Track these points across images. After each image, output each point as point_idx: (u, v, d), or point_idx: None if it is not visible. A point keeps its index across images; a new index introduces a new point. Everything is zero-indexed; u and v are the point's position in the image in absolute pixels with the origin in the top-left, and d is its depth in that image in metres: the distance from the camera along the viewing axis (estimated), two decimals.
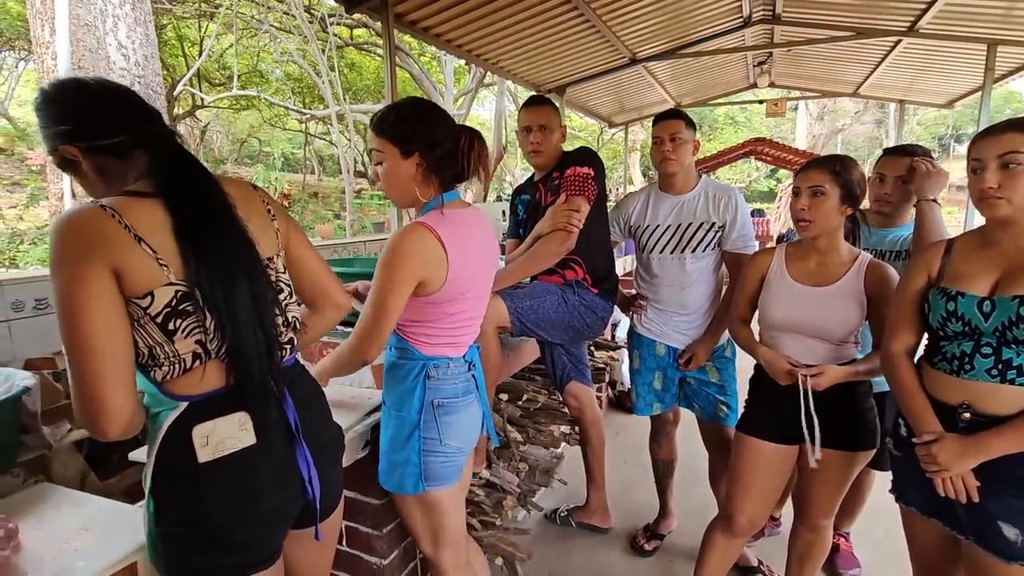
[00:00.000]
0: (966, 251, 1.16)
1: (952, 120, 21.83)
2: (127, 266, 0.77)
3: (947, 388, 1.12)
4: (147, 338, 0.81)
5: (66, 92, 0.86)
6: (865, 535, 2.14)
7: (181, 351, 0.83)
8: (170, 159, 0.88)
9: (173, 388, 0.85)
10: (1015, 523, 1.03)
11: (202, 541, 0.85)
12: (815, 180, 1.40)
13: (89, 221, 0.77)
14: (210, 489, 0.84)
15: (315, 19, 9.16)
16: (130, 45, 3.19)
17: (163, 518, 0.85)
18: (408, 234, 1.17)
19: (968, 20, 4.26)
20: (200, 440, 0.84)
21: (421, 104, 1.25)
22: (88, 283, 0.74)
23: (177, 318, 0.82)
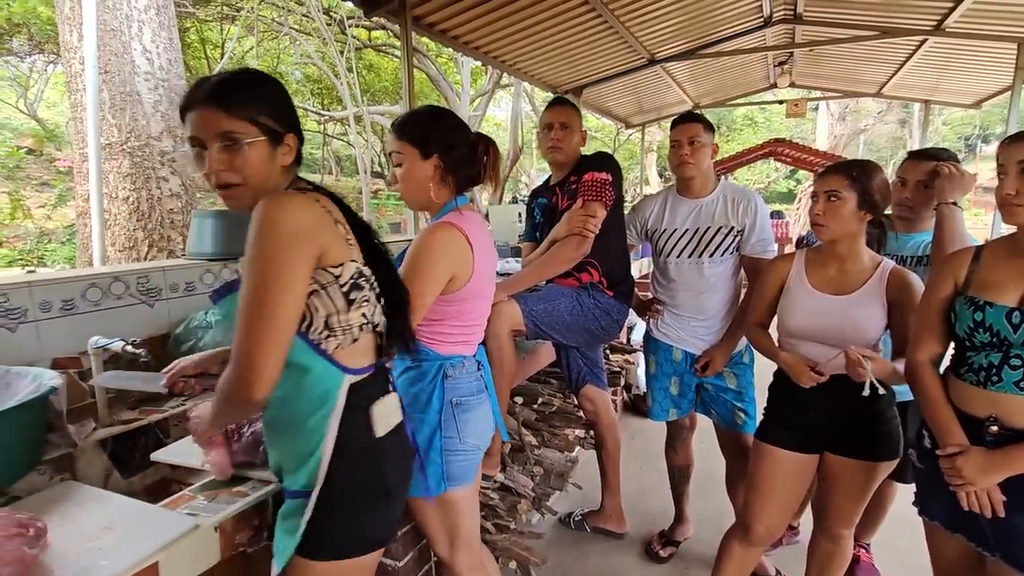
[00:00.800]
0: (995, 259, 1.13)
1: (979, 120, 21.29)
2: (330, 245, 0.89)
3: (974, 400, 1.09)
4: (330, 304, 0.90)
5: (267, 80, 0.94)
6: (887, 547, 2.10)
7: (353, 321, 0.93)
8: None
9: (343, 359, 0.93)
10: None
11: (380, 500, 0.98)
12: (832, 185, 1.39)
13: (309, 206, 0.87)
14: (387, 458, 0.99)
15: (334, 21, 9.25)
16: (154, 49, 3.26)
17: (341, 490, 0.93)
18: (439, 232, 1.22)
19: (997, 18, 4.14)
20: (378, 417, 0.97)
21: (440, 110, 1.30)
22: (299, 263, 0.84)
23: (354, 291, 0.93)
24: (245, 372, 0.81)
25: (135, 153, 3.27)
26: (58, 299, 1.45)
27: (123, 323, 1.58)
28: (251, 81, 0.91)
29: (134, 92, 3.22)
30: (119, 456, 1.38)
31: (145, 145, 3.28)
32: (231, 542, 1.03)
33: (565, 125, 1.91)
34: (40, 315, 1.42)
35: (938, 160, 1.62)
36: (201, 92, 0.88)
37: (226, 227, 1.87)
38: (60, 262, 7.16)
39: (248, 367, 0.81)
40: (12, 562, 0.81)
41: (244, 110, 0.87)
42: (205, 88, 0.88)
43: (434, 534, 1.37)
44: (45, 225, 7.98)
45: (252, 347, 0.81)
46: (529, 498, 1.94)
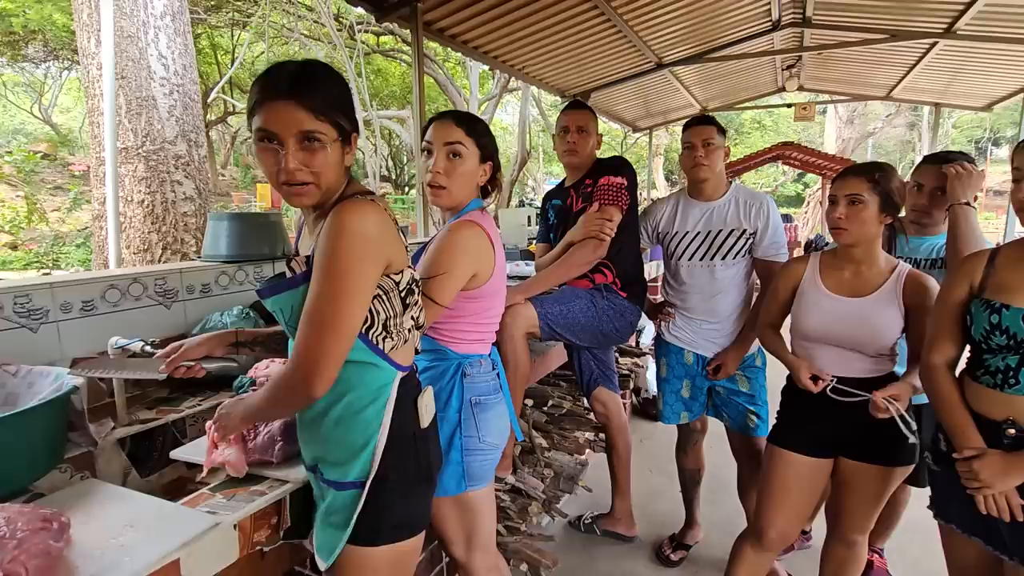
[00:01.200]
0: (1011, 262, 1.12)
1: (990, 123, 21.12)
2: (395, 254, 0.94)
3: (991, 403, 1.08)
4: (389, 309, 0.95)
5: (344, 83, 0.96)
6: (901, 552, 2.08)
7: (406, 324, 0.99)
8: None
9: (396, 357, 0.99)
10: None
11: (422, 484, 1.05)
12: (853, 188, 1.37)
13: (381, 218, 0.91)
14: (428, 447, 1.06)
15: (344, 27, 9.33)
16: (170, 55, 3.30)
17: (391, 478, 0.98)
18: (466, 230, 1.26)
19: (1009, 21, 4.12)
20: (423, 409, 1.04)
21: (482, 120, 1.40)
22: (373, 272, 0.90)
23: (409, 295, 0.99)
24: (310, 372, 0.86)
25: (150, 157, 3.31)
26: (78, 300, 1.48)
27: (141, 324, 1.60)
28: (331, 79, 0.91)
29: (150, 97, 3.27)
30: (137, 455, 1.40)
31: (160, 149, 3.32)
32: (249, 540, 1.05)
33: (582, 129, 1.93)
34: (61, 316, 1.45)
35: (947, 162, 1.62)
36: (283, 85, 0.85)
37: (241, 229, 1.89)
38: (75, 265, 7.24)
39: (314, 368, 0.86)
40: (39, 554, 0.82)
41: (326, 109, 0.87)
42: (285, 81, 0.86)
43: (451, 535, 1.37)
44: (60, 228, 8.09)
45: (320, 349, 0.86)
46: (539, 500, 1.94)
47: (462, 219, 1.28)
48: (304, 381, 0.86)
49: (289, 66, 0.88)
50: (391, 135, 15.42)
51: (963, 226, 1.47)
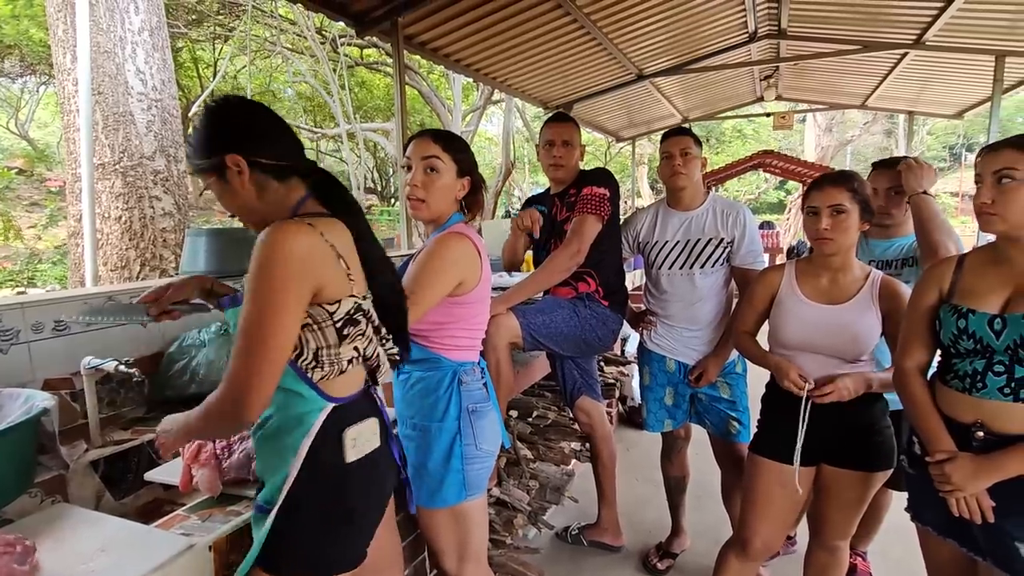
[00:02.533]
0: (977, 267, 1.15)
1: (963, 129, 21.68)
2: (329, 281, 0.90)
3: (960, 406, 1.11)
4: (321, 339, 0.92)
5: (256, 112, 0.96)
6: (883, 556, 2.10)
7: (343, 355, 0.95)
8: (332, 185, 1.00)
9: (328, 389, 0.95)
10: None
11: (341, 525, 0.97)
12: (835, 199, 1.38)
13: (311, 243, 0.88)
14: (353, 484, 0.98)
15: (327, 40, 9.35)
16: (148, 71, 3.28)
17: (302, 510, 0.93)
18: (453, 240, 1.29)
19: (975, 32, 4.25)
20: (350, 442, 0.96)
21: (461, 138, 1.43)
22: (295, 295, 0.86)
23: (349, 325, 0.94)
24: (239, 394, 0.84)
25: (128, 173, 3.27)
26: (50, 320, 1.45)
27: (116, 343, 1.57)
28: (217, 115, 0.96)
29: (127, 112, 3.24)
30: (111, 477, 1.37)
31: (138, 165, 3.29)
32: (225, 561, 1.03)
33: (567, 142, 1.96)
34: (32, 336, 1.42)
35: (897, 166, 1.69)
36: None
37: (220, 245, 1.88)
38: (51, 282, 7.10)
39: (242, 390, 0.84)
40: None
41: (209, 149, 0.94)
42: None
43: (444, 547, 1.37)
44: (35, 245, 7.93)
45: (246, 371, 0.84)
46: (525, 512, 1.93)
47: (449, 230, 1.31)
48: (233, 403, 0.85)
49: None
50: (376, 147, 15.41)
51: (925, 212, 1.53)
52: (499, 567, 1.79)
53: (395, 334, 1.10)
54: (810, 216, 1.42)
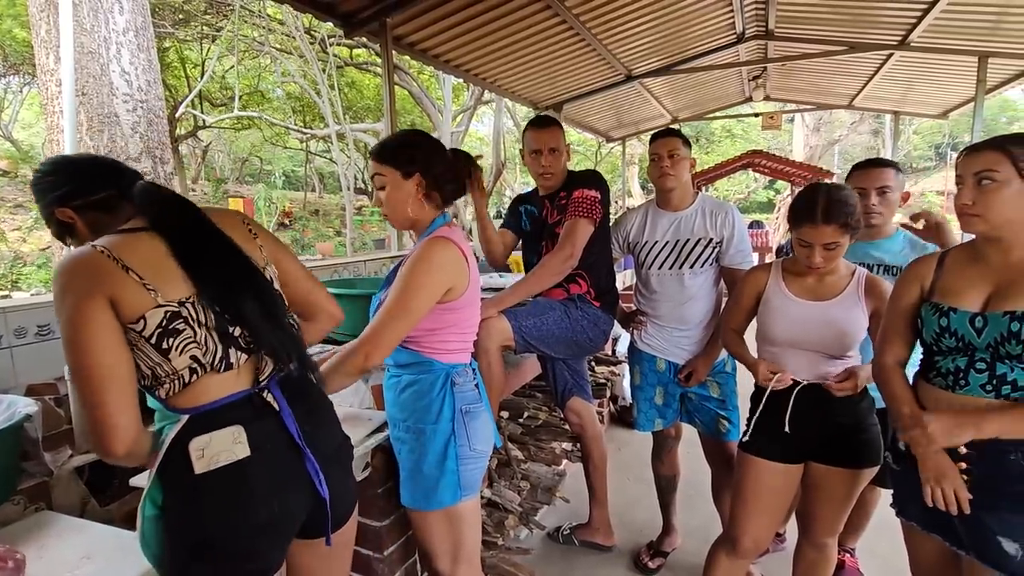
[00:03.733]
0: (958, 265, 1.17)
1: (948, 128, 21.97)
2: (121, 295, 0.85)
3: (943, 403, 1.12)
4: (146, 359, 0.88)
5: (57, 165, 0.98)
6: (871, 552, 2.12)
7: (178, 367, 0.89)
8: (154, 197, 0.96)
9: (175, 403, 0.91)
10: (1015, 538, 1.03)
11: (202, 549, 0.90)
12: (830, 238, 1.34)
13: (85, 261, 0.86)
14: (207, 501, 0.90)
15: (315, 40, 9.29)
16: (133, 71, 3.24)
17: (169, 527, 0.90)
18: (436, 246, 1.26)
19: (958, 33, 4.31)
20: (196, 453, 0.89)
21: (415, 131, 1.37)
22: (91, 314, 0.83)
23: (169, 337, 0.88)
24: (98, 430, 0.84)
25: None
26: (33, 324, 1.43)
27: None
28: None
29: (112, 114, 3.20)
30: (96, 483, 1.35)
31: None
32: None
33: (554, 149, 1.94)
34: (15, 341, 1.40)
35: (882, 166, 1.71)
36: None
37: None
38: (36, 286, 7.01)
39: (94, 430, 0.84)
40: None
41: None
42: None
43: (437, 549, 1.37)
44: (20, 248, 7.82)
45: (84, 402, 0.84)
46: (516, 513, 1.94)
47: (433, 235, 1.29)
48: (96, 438, 0.85)
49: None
50: (366, 148, 15.34)
51: None
52: (491, 568, 1.79)
53: (278, 343, 0.99)
54: (803, 247, 1.40)
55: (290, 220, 13.76)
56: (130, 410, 0.85)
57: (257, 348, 0.97)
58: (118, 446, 0.84)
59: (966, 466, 1.07)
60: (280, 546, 1.00)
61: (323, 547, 1.06)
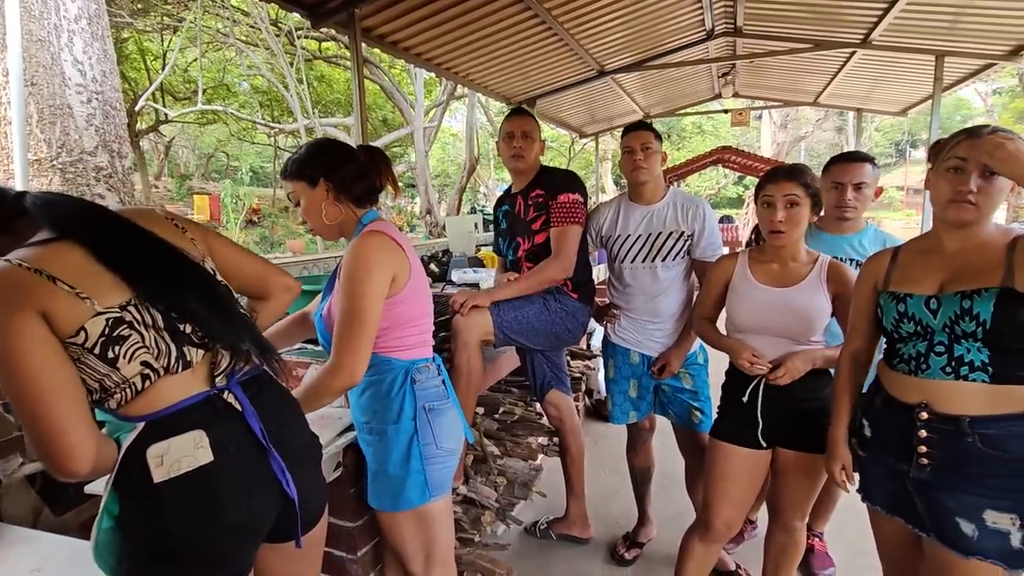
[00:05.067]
0: (912, 255, 1.22)
1: (908, 126, 22.79)
2: (52, 307, 0.78)
3: (906, 388, 1.15)
4: (93, 373, 0.82)
5: None
6: (839, 535, 2.18)
7: (129, 376, 0.84)
8: (56, 205, 0.89)
9: (128, 412, 0.86)
10: (971, 519, 1.07)
11: (164, 559, 0.86)
12: (790, 191, 1.43)
13: (5, 277, 0.78)
14: (169, 509, 0.85)
15: (282, 32, 9.07)
16: (86, 61, 3.10)
17: (127, 537, 0.86)
18: (369, 239, 1.23)
19: (916, 33, 4.46)
20: (155, 460, 0.84)
21: (319, 141, 1.36)
22: (21, 331, 0.76)
23: (115, 345, 0.83)
24: (53, 453, 0.78)
25: (67, 169, 3.09)
26: None
27: None
28: None
29: (65, 105, 3.06)
30: (49, 492, 1.29)
31: (78, 161, 3.11)
32: None
33: (527, 134, 1.95)
34: None
35: (864, 162, 1.73)
36: None
37: None
38: None
39: (49, 452, 0.78)
40: None
41: None
42: None
43: (409, 552, 1.34)
44: None
45: (44, 431, 0.77)
46: (493, 509, 1.92)
47: (363, 232, 1.27)
48: (47, 458, 0.79)
49: None
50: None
51: None
52: (468, 565, 1.77)
53: (234, 338, 0.95)
54: (765, 207, 1.47)
55: (258, 217, 13.45)
56: (83, 424, 0.79)
57: (211, 342, 0.93)
58: (79, 465, 0.78)
59: (926, 450, 1.11)
60: (249, 549, 0.97)
61: (292, 549, 1.03)
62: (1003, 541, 1.04)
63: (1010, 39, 4.21)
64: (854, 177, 1.75)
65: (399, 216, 14.19)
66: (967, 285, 1.08)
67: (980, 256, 1.10)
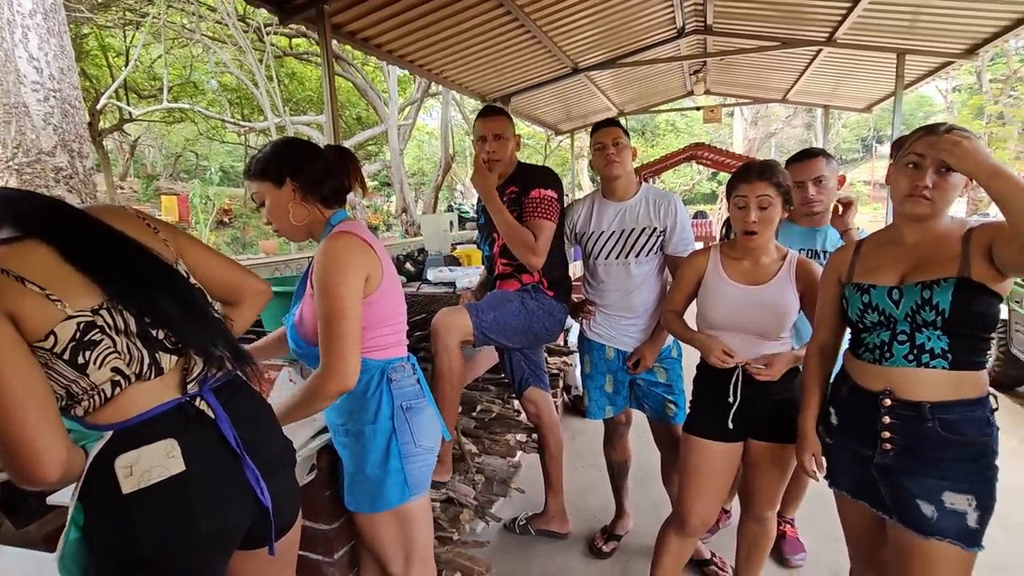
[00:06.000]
0: (874, 247, 1.26)
1: (873, 123, 23.45)
2: (20, 309, 0.75)
3: (870, 376, 1.19)
4: (59, 379, 0.79)
5: None
6: (809, 521, 2.24)
7: (98, 382, 0.81)
8: (19, 201, 0.85)
9: (95, 420, 0.83)
10: (931, 501, 1.11)
11: (134, 570, 0.84)
12: (763, 191, 1.44)
13: None
14: (139, 520, 0.82)
15: (250, 28, 8.88)
16: (43, 57, 2.98)
17: (94, 549, 0.83)
18: (337, 241, 1.20)
19: (879, 31, 4.59)
20: (123, 471, 0.81)
21: (284, 140, 1.32)
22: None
23: (85, 350, 0.80)
24: (21, 459, 0.74)
25: (23, 170, 2.98)
26: None
27: None
28: None
29: (20, 104, 2.94)
30: (11, 504, 1.25)
31: (35, 161, 2.99)
32: None
33: (499, 136, 1.94)
34: None
35: (812, 157, 1.82)
36: None
37: None
38: None
39: (16, 458, 0.74)
40: None
41: None
42: None
43: (388, 552, 1.33)
44: None
45: (13, 438, 0.73)
46: (471, 507, 1.93)
47: (331, 233, 1.24)
48: (15, 465, 0.75)
49: None
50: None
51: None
52: (446, 563, 1.77)
53: (208, 342, 0.92)
54: (738, 208, 1.48)
55: (230, 218, 13.15)
56: (53, 430, 0.76)
57: (184, 347, 0.90)
58: (49, 472, 0.75)
59: (889, 435, 1.15)
60: (222, 558, 0.95)
61: (266, 555, 1.02)
62: (960, 521, 1.09)
63: (967, 38, 4.37)
64: (812, 173, 1.82)
65: (375, 215, 14.03)
66: (927, 276, 1.12)
67: (938, 248, 1.14)
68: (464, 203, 17.93)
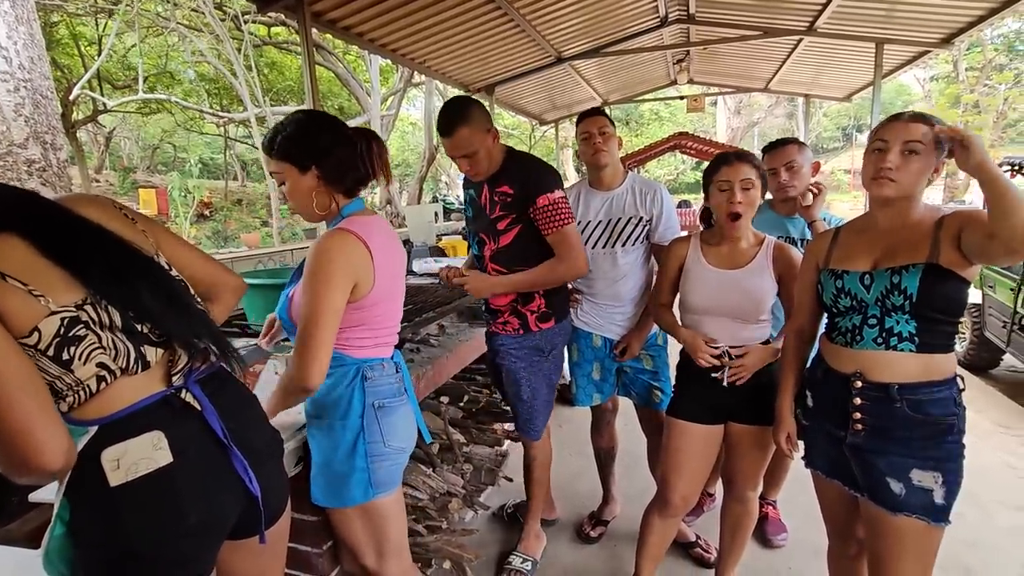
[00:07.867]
0: (850, 235, 1.30)
1: (853, 112, 23.75)
2: (4, 306, 0.74)
3: (842, 359, 1.23)
4: (44, 375, 0.78)
5: None
6: (791, 503, 2.30)
7: (83, 378, 0.80)
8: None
9: (80, 415, 0.82)
10: (899, 478, 1.15)
11: (122, 563, 0.83)
12: (746, 174, 1.48)
13: None
14: (127, 513, 0.82)
15: (227, 17, 8.68)
16: (11, 47, 2.89)
17: (81, 543, 0.82)
18: (333, 241, 1.17)
19: (858, 21, 4.64)
20: (110, 464, 0.81)
21: (309, 116, 1.24)
22: None
23: (70, 346, 0.78)
24: (20, 449, 0.73)
25: None
26: None
27: None
28: None
29: None
30: None
31: (7, 154, 2.90)
32: None
33: (467, 155, 1.69)
34: None
35: (784, 145, 1.88)
36: None
37: None
38: None
39: (17, 448, 0.73)
40: None
41: None
42: None
43: (360, 545, 1.33)
44: None
45: (11, 430, 0.72)
46: (460, 496, 1.94)
47: (332, 228, 1.21)
48: (15, 456, 0.74)
49: None
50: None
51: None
52: (435, 552, 1.79)
53: (190, 333, 0.91)
54: (720, 191, 1.51)
55: (210, 211, 12.94)
56: (54, 420, 0.75)
57: (168, 340, 0.89)
58: (51, 460, 0.73)
59: (860, 416, 1.18)
60: (211, 548, 0.95)
61: (255, 546, 1.02)
62: (927, 498, 1.13)
63: (943, 27, 4.43)
64: (783, 159, 1.88)
65: None
66: (897, 262, 1.16)
67: (910, 234, 1.17)
68: (449, 194, 17.82)
